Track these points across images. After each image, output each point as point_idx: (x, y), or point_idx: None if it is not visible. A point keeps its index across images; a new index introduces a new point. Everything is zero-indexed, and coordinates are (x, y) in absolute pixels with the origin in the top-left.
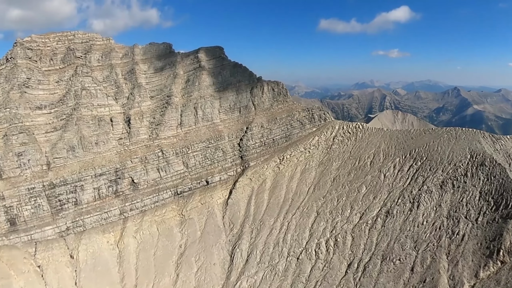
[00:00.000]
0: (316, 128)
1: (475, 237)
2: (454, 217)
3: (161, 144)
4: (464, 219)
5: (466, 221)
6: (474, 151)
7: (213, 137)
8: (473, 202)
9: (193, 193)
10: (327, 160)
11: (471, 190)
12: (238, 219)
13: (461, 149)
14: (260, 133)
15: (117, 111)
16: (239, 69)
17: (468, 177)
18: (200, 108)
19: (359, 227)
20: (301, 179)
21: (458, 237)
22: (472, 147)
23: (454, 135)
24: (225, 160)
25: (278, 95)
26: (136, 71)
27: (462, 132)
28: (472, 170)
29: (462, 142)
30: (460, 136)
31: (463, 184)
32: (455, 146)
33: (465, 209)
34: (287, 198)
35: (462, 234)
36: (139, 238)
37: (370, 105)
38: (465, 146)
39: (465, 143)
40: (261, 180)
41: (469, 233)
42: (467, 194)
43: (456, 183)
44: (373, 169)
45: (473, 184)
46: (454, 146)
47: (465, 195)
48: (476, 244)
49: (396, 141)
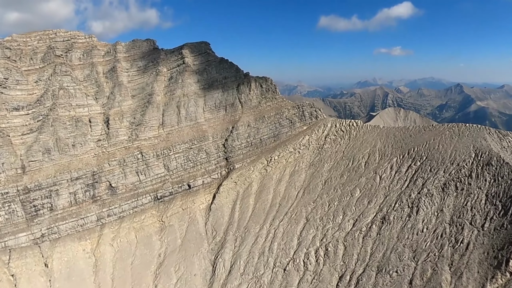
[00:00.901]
0: (307, 126)
1: (481, 246)
2: (458, 224)
3: (141, 146)
4: (469, 226)
5: (471, 228)
6: (479, 149)
7: (196, 137)
8: (478, 206)
9: (174, 198)
10: (318, 161)
11: (476, 192)
12: (222, 226)
13: (464, 147)
14: (246, 133)
15: (96, 111)
16: (225, 65)
17: (473, 178)
18: (183, 107)
19: (352, 235)
20: (289, 182)
21: (462, 245)
22: (477, 144)
23: (457, 132)
24: (208, 162)
25: (266, 92)
26: (117, 69)
27: (466, 128)
28: (477, 170)
29: (465, 139)
30: (463, 133)
31: (467, 186)
32: (458, 144)
33: (470, 214)
34: (274, 203)
35: (467, 243)
36: (116, 246)
37: (373, 103)
38: (469, 144)
39: (469, 140)
40: (247, 183)
41: (475, 241)
42: (472, 197)
43: (459, 185)
44: (368, 171)
45: (478, 186)
46: (457, 144)
47: (469, 199)
48: (482, 254)
49: (393, 140)
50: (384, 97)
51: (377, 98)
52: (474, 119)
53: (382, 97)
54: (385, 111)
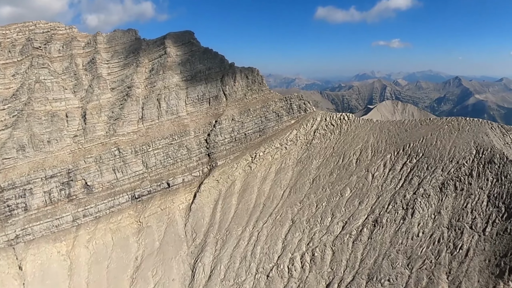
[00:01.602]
0: (295, 120)
1: (482, 252)
2: (457, 227)
3: (118, 142)
4: (469, 230)
5: (471, 232)
6: (480, 146)
7: (177, 132)
8: (480, 208)
9: (153, 197)
10: (306, 158)
11: (477, 193)
12: (202, 227)
13: (464, 143)
14: (230, 127)
15: (74, 105)
16: (209, 55)
17: (474, 178)
18: (163, 100)
19: (341, 239)
20: (275, 181)
21: (461, 252)
22: (478, 140)
23: (456, 126)
24: (189, 159)
25: (252, 84)
26: (96, 61)
27: (466, 122)
28: (479, 168)
29: (466, 134)
30: (463, 127)
31: (467, 186)
32: (457, 139)
33: (470, 217)
34: (258, 203)
35: (466, 249)
36: (92, 248)
37: (371, 96)
38: (470, 140)
39: (469, 136)
40: (230, 181)
41: (475, 247)
42: (473, 198)
43: (459, 185)
44: (359, 168)
45: (479, 186)
46: (457, 140)
47: (470, 200)
48: (483, 261)
49: (387, 135)
50: (382, 90)
51: (375, 91)
52: (472, 112)
53: (380, 90)
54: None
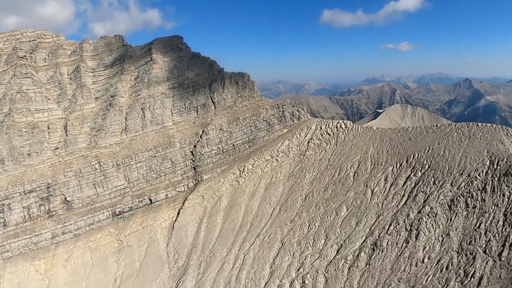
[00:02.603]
0: (287, 129)
1: (497, 281)
2: (468, 252)
3: (99, 154)
4: (482, 255)
5: (485, 258)
6: (495, 155)
7: (161, 144)
8: (495, 229)
9: (134, 214)
10: (298, 172)
11: (492, 211)
12: (185, 248)
13: (477, 153)
14: (217, 138)
15: (57, 116)
16: (197, 60)
17: (488, 193)
18: (148, 109)
19: (335, 264)
20: (264, 197)
21: (473, 280)
22: (492, 149)
23: (467, 133)
24: (174, 172)
25: (242, 90)
26: (81, 70)
27: (478, 128)
28: (493, 182)
29: (478, 142)
30: (475, 134)
31: (480, 203)
32: (468, 148)
33: (484, 240)
34: (245, 222)
35: (479, 277)
36: (70, 268)
37: (380, 100)
38: (483, 149)
39: (482, 144)
40: (216, 197)
41: (489, 274)
42: (487, 217)
43: (471, 202)
44: (357, 183)
45: (495, 203)
46: (468, 149)
47: (483, 219)
48: None
49: (389, 144)
50: (392, 94)
51: (385, 94)
52: (483, 114)
53: (389, 93)
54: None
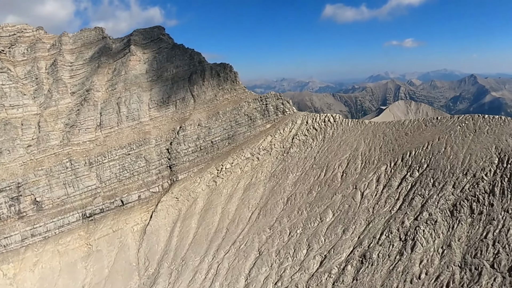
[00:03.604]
0: (271, 124)
1: None
2: (473, 266)
3: (71, 152)
4: (490, 270)
5: (492, 273)
6: (504, 152)
7: (136, 140)
8: (504, 239)
9: (105, 216)
10: (281, 171)
11: (501, 218)
12: (156, 254)
13: (483, 150)
14: (195, 134)
15: (32, 112)
16: (177, 52)
17: (497, 197)
18: (124, 104)
19: (317, 278)
20: (243, 200)
21: None
22: (501, 145)
23: (472, 127)
24: (148, 172)
25: (224, 82)
26: (58, 63)
27: (485, 121)
28: (503, 184)
29: (485, 137)
30: (481, 128)
31: (488, 208)
32: (474, 144)
33: (492, 252)
34: (221, 227)
35: None
36: (38, 272)
37: (384, 97)
38: (490, 144)
39: (489, 139)
40: (191, 199)
41: None
42: (495, 225)
43: (476, 207)
44: (346, 185)
45: (504, 209)
46: (473, 145)
47: (491, 228)
48: None
49: (383, 140)
50: (396, 91)
51: (389, 91)
52: (489, 110)
53: (394, 90)
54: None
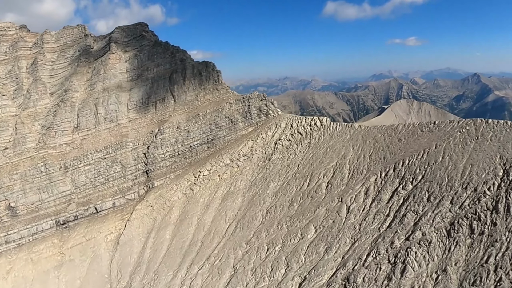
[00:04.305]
0: (253, 127)
1: None
2: None
3: (47, 155)
4: None
5: None
6: (510, 163)
7: (113, 144)
8: (507, 263)
9: (79, 224)
10: (261, 180)
11: (505, 239)
12: (129, 266)
13: (486, 160)
14: (173, 138)
15: (11, 113)
16: (158, 49)
17: (500, 214)
18: (101, 105)
19: None
20: (220, 210)
21: None
22: (507, 154)
23: (473, 133)
24: (123, 177)
25: (206, 82)
26: (38, 63)
27: (488, 127)
28: (508, 199)
29: (488, 145)
30: (484, 134)
31: (490, 227)
32: (475, 153)
33: (493, 279)
34: (195, 240)
35: None
36: (11, 280)
37: (387, 96)
38: (495, 154)
39: (493, 147)
40: (167, 208)
41: None
42: (497, 248)
43: (477, 226)
44: (331, 197)
45: (508, 229)
46: (475, 154)
47: (493, 251)
48: None
49: (373, 147)
50: (399, 89)
51: (392, 90)
52: (492, 109)
53: (396, 89)
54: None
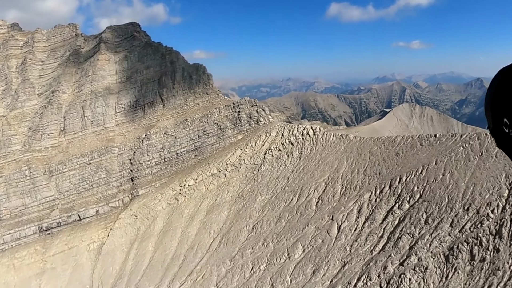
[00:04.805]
0: (242, 135)
1: None
2: None
3: (32, 159)
4: None
5: None
6: None
7: (99, 149)
8: None
9: (62, 231)
10: (249, 192)
11: (507, 267)
12: (110, 278)
13: (491, 179)
14: (160, 144)
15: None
16: (149, 50)
17: (504, 240)
18: (88, 108)
19: None
20: (204, 223)
21: None
22: None
23: (477, 148)
24: (108, 184)
25: (196, 85)
26: (27, 62)
27: (493, 142)
28: None
29: (493, 163)
30: (489, 150)
31: (492, 254)
32: (479, 171)
33: None
34: (178, 253)
35: None
36: None
37: (390, 99)
38: (500, 172)
39: (499, 165)
40: (151, 218)
41: None
42: (500, 276)
43: (478, 252)
44: (321, 214)
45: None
46: (478, 172)
47: (494, 279)
48: None
49: (368, 160)
50: (402, 93)
51: (394, 93)
52: None
53: (399, 92)
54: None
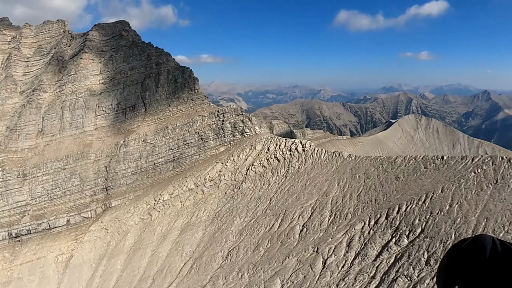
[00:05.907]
0: (225, 147)
1: None
2: None
3: (6, 160)
4: None
5: None
6: None
7: (75, 153)
8: None
9: (31, 239)
10: (227, 213)
11: None
12: None
13: (506, 212)
14: (138, 152)
15: None
16: (135, 50)
17: None
18: (68, 109)
19: None
20: (177, 244)
21: None
22: None
23: (491, 175)
24: (81, 192)
25: (181, 90)
26: (12, 58)
27: (510, 167)
28: None
29: (509, 193)
30: (505, 178)
31: None
32: (493, 203)
33: None
34: (146, 275)
35: None
36: None
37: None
38: None
39: None
40: (122, 233)
41: None
42: None
43: None
44: (304, 245)
45: None
46: (491, 204)
47: None
48: None
49: (363, 184)
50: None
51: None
52: (501, 128)
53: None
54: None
